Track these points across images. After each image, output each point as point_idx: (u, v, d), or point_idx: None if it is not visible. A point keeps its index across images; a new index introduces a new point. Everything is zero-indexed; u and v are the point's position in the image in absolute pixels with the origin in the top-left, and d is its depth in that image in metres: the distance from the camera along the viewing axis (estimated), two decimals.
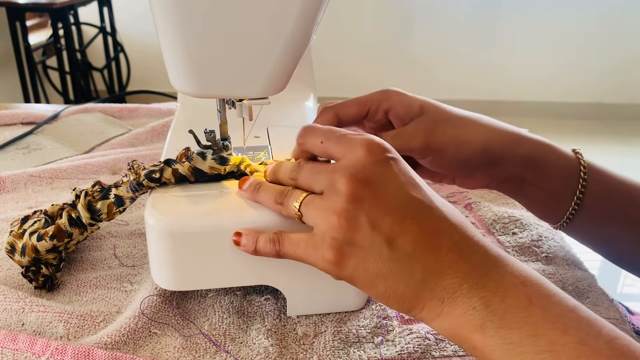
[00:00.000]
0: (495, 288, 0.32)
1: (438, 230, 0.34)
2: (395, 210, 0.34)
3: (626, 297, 1.83)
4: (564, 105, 3.22)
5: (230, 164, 0.47)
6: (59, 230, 0.47)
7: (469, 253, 0.34)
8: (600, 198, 0.48)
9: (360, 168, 0.35)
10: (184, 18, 0.41)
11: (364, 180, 0.35)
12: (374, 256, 0.34)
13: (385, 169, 0.35)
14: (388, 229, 0.34)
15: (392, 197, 0.35)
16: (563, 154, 0.48)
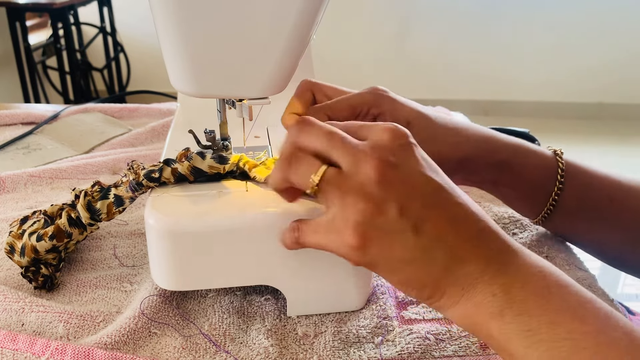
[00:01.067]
0: (515, 275, 0.32)
1: (461, 217, 0.34)
2: (424, 196, 0.34)
3: (626, 297, 1.83)
4: (564, 105, 3.22)
5: (230, 163, 0.47)
6: (58, 231, 0.47)
7: (490, 241, 0.34)
8: (577, 198, 0.49)
9: (388, 150, 0.34)
10: (184, 18, 0.41)
11: (393, 164, 0.34)
12: (399, 242, 0.33)
13: (410, 153, 0.35)
14: (415, 214, 0.33)
15: (419, 182, 0.34)
16: (540, 156, 0.49)
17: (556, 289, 0.32)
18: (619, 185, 0.50)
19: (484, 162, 0.48)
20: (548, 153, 0.50)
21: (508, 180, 0.49)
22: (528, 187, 0.50)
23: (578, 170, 0.50)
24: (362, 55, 3.22)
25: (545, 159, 0.49)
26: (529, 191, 0.50)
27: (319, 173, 0.35)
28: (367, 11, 3.17)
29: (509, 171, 0.49)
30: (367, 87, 0.50)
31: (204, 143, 0.50)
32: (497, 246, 0.34)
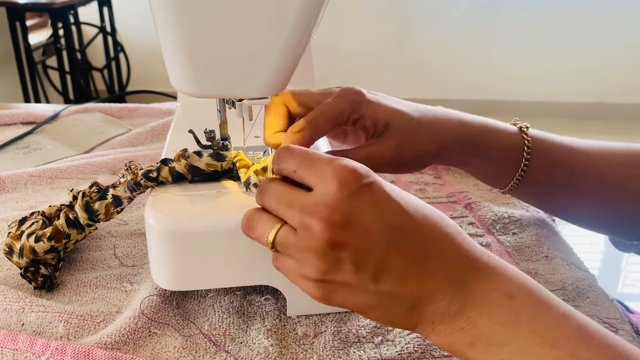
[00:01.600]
0: (481, 306, 0.32)
1: (423, 255, 0.33)
2: (378, 246, 0.33)
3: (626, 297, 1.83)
4: (564, 105, 3.22)
5: (227, 160, 0.47)
6: (56, 232, 0.47)
7: (455, 271, 0.33)
8: (543, 170, 0.52)
9: (334, 206, 0.33)
10: (184, 18, 0.41)
11: (340, 222, 0.33)
12: (360, 292, 0.34)
13: (360, 201, 0.33)
14: (372, 265, 0.33)
15: (372, 231, 0.33)
16: (506, 134, 0.52)
17: (525, 312, 0.32)
18: (580, 153, 0.53)
19: (457, 149, 0.51)
20: (514, 130, 0.52)
21: (477, 161, 0.52)
22: (496, 165, 0.52)
23: (543, 144, 0.53)
24: (362, 55, 3.22)
25: (511, 136, 0.52)
26: (496, 168, 0.53)
27: (271, 235, 0.36)
28: (367, 11, 3.17)
29: (478, 153, 0.51)
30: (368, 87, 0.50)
31: (204, 143, 0.50)
32: (462, 276, 0.33)
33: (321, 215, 0.33)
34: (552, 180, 0.53)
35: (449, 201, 0.65)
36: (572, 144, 0.54)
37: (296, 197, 0.35)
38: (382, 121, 0.47)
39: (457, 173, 0.71)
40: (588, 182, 0.53)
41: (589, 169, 0.53)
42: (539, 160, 0.52)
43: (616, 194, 0.53)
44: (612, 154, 0.54)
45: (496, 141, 0.52)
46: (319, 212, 0.33)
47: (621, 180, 0.53)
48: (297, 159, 0.37)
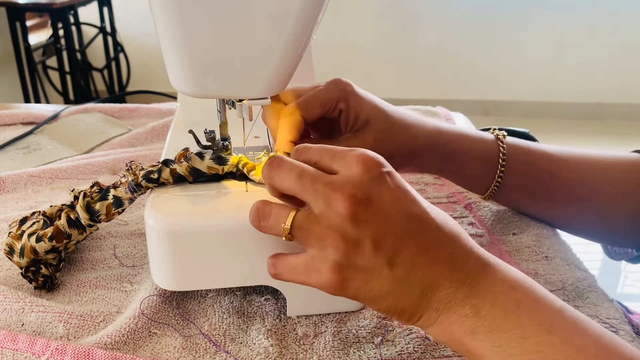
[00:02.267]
0: (485, 294, 0.34)
1: (434, 243, 0.35)
2: (395, 228, 0.34)
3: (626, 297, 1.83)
4: (564, 105, 3.22)
5: (229, 164, 0.47)
6: (57, 232, 0.47)
7: (462, 262, 0.35)
8: (520, 176, 0.55)
9: (358, 185, 0.34)
10: (184, 18, 0.41)
11: (364, 200, 0.34)
12: (375, 277, 0.35)
13: (382, 185, 0.35)
14: (389, 248, 0.34)
15: (391, 215, 0.34)
16: (481, 142, 0.54)
17: (525, 303, 0.33)
18: (558, 160, 0.55)
19: (431, 155, 0.53)
20: (490, 138, 0.55)
21: (453, 169, 0.55)
22: (472, 172, 0.55)
23: (521, 150, 0.55)
24: (362, 55, 3.22)
25: (487, 144, 0.54)
26: (473, 176, 0.56)
27: (288, 221, 0.36)
28: (367, 11, 3.16)
29: (454, 162, 0.54)
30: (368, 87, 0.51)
31: (204, 143, 0.50)
32: (468, 267, 0.35)
33: (347, 192, 0.34)
34: (532, 186, 0.55)
35: (449, 201, 0.65)
36: (551, 151, 0.56)
37: (320, 174, 0.36)
38: (364, 116, 0.50)
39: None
40: (568, 188, 0.54)
41: (570, 174, 0.54)
42: (516, 166, 0.54)
43: (600, 201, 0.54)
44: (595, 161, 0.55)
45: (471, 149, 0.54)
46: (345, 190, 0.34)
47: (604, 186, 0.54)
48: (318, 150, 0.38)
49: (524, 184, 0.55)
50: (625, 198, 0.54)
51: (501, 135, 0.55)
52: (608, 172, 0.55)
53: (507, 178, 0.54)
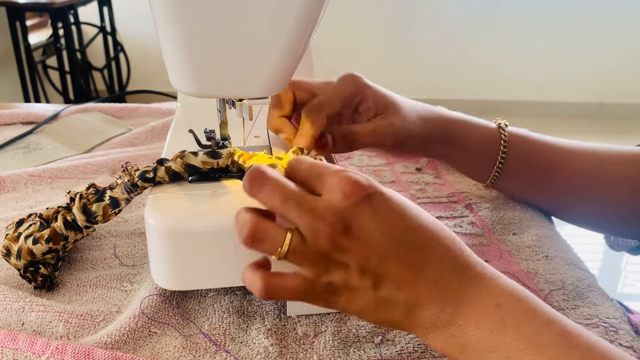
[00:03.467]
0: (470, 314, 0.34)
1: (418, 264, 0.35)
2: (378, 252, 0.35)
3: (626, 296, 1.83)
4: (564, 105, 3.22)
5: (224, 157, 0.47)
6: (54, 234, 0.47)
7: (448, 280, 0.35)
8: (521, 163, 0.57)
9: (339, 213, 0.34)
10: (184, 18, 0.41)
11: (345, 228, 0.34)
12: (362, 297, 0.36)
13: (363, 210, 0.35)
14: (373, 271, 0.35)
15: (373, 240, 0.35)
16: (484, 129, 0.56)
17: (511, 319, 0.33)
18: (559, 150, 0.57)
19: (436, 140, 0.55)
20: (492, 126, 0.57)
21: (456, 153, 0.57)
22: (474, 158, 0.57)
23: (520, 139, 0.57)
24: (362, 55, 3.22)
25: (489, 131, 0.56)
26: (475, 161, 0.58)
27: (285, 244, 0.36)
28: (367, 11, 3.16)
29: (457, 146, 0.56)
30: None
31: (204, 143, 0.50)
32: (454, 286, 0.35)
33: (328, 221, 0.34)
34: (531, 173, 0.57)
35: (449, 201, 0.65)
36: (552, 141, 0.57)
37: (304, 199, 0.36)
38: (382, 103, 0.53)
39: (457, 173, 0.71)
40: (568, 177, 0.56)
41: (569, 164, 0.56)
42: (516, 153, 0.56)
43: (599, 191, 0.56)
44: (594, 153, 0.56)
45: (475, 135, 0.56)
46: (326, 219, 0.34)
47: (603, 177, 0.55)
48: (307, 169, 0.38)
49: (524, 171, 0.57)
50: (624, 189, 0.55)
51: (503, 124, 0.57)
52: (607, 163, 0.55)
53: (508, 164, 0.56)
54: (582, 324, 0.45)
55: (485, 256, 0.55)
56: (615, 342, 0.43)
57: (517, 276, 0.51)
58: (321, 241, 0.35)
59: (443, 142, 0.55)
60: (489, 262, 0.53)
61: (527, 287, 0.50)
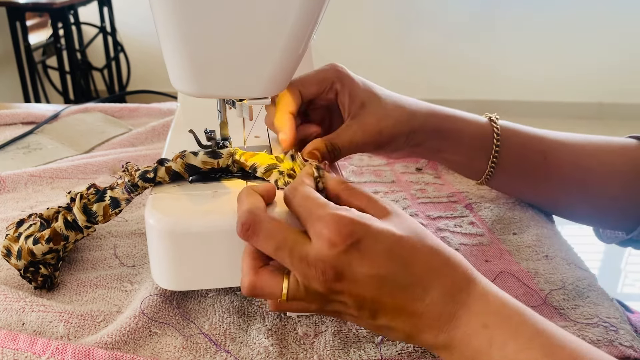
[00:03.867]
0: (461, 337, 0.35)
1: (409, 299, 0.36)
2: (371, 292, 0.36)
3: (626, 296, 1.83)
4: (564, 105, 3.22)
5: (224, 157, 0.47)
6: (55, 234, 0.47)
7: (440, 309, 0.36)
8: (515, 157, 0.56)
9: (328, 262, 0.36)
10: (184, 18, 0.41)
11: (336, 276, 0.36)
12: (363, 323, 0.39)
13: (350, 256, 0.36)
14: (369, 307, 0.37)
15: (363, 282, 0.36)
16: (475, 123, 0.55)
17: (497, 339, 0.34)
18: (552, 142, 0.56)
19: (428, 134, 0.54)
20: (484, 120, 0.56)
21: (449, 147, 0.55)
22: (468, 152, 0.56)
23: (513, 133, 0.56)
24: (362, 55, 3.22)
25: (481, 125, 0.55)
26: (469, 156, 0.56)
27: (283, 295, 0.38)
28: (367, 11, 3.17)
29: (450, 140, 0.55)
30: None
31: (204, 143, 0.50)
32: (447, 312, 0.36)
33: (320, 269, 0.36)
34: (526, 167, 0.56)
35: (449, 201, 0.65)
36: (544, 134, 0.56)
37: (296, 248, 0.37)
38: (359, 99, 0.51)
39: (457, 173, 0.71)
40: (562, 169, 0.55)
41: (563, 156, 0.55)
42: (510, 148, 0.55)
43: (592, 183, 0.55)
44: (588, 143, 0.56)
45: (466, 129, 0.55)
46: (317, 267, 0.36)
47: (597, 169, 0.55)
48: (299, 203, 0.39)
49: (518, 165, 0.56)
50: (617, 181, 0.55)
51: (494, 117, 0.56)
52: (601, 154, 0.55)
53: (502, 159, 0.55)
54: (582, 323, 0.45)
55: (485, 256, 0.55)
56: (615, 341, 0.43)
57: (517, 276, 0.51)
58: (315, 287, 0.36)
59: (435, 137, 0.54)
60: (489, 262, 0.53)
61: (527, 287, 0.50)
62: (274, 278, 0.38)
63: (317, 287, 0.36)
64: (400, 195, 0.66)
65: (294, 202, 0.39)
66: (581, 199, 0.57)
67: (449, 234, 0.58)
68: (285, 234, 0.37)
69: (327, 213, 0.36)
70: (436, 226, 0.60)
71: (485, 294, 0.36)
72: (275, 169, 0.46)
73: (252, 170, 0.47)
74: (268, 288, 0.38)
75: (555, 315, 0.47)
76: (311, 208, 0.38)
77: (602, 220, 0.60)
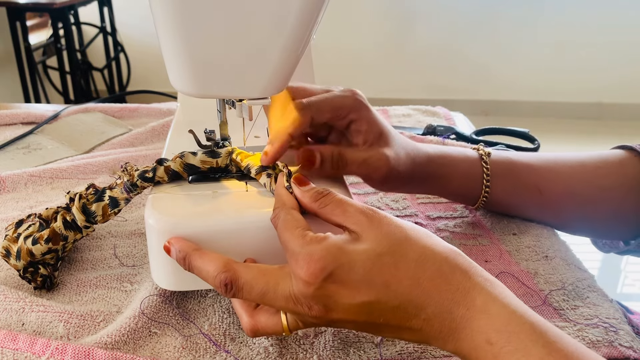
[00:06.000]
0: (468, 351, 0.34)
1: (404, 318, 0.35)
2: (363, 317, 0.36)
3: (626, 297, 1.83)
4: (564, 105, 3.22)
5: (222, 156, 0.47)
6: (54, 234, 0.47)
7: (439, 325, 0.35)
8: (507, 193, 0.56)
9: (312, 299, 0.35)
10: (184, 18, 0.41)
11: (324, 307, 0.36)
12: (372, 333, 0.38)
13: (330, 289, 0.35)
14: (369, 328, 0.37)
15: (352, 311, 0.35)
16: (466, 162, 0.55)
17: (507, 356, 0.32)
18: (546, 174, 0.56)
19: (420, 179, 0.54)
20: (474, 158, 0.56)
21: (439, 189, 0.57)
22: (459, 191, 0.57)
23: (505, 169, 0.56)
24: (362, 55, 3.22)
25: (470, 166, 0.55)
26: (460, 194, 0.58)
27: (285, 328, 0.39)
28: (367, 11, 3.17)
29: (439, 183, 0.55)
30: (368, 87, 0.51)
31: (204, 143, 0.50)
32: (446, 327, 0.34)
33: (306, 305, 0.36)
34: (519, 200, 0.57)
35: (449, 201, 0.65)
36: (538, 163, 0.56)
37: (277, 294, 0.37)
38: (377, 129, 0.49)
39: None
40: (557, 199, 0.56)
41: (558, 188, 0.55)
42: (503, 185, 0.56)
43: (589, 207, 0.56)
44: (581, 168, 0.56)
45: (457, 170, 0.55)
46: (303, 303, 0.36)
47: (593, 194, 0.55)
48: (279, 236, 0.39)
49: (511, 201, 0.57)
50: (613, 200, 0.55)
51: (485, 155, 0.56)
52: (595, 179, 0.55)
53: (494, 195, 0.56)
54: (581, 324, 0.45)
55: (485, 256, 0.55)
56: (615, 342, 0.43)
57: (516, 276, 0.51)
58: (311, 320, 0.37)
59: (426, 183, 0.55)
60: (489, 262, 0.53)
61: (526, 287, 0.50)
62: (272, 317, 0.40)
63: (312, 320, 0.37)
64: (400, 196, 0.66)
65: (277, 230, 0.39)
66: (578, 221, 0.58)
67: (449, 234, 0.58)
68: (266, 279, 0.37)
69: (299, 252, 0.36)
70: (436, 226, 0.60)
71: (486, 308, 0.34)
72: (264, 172, 0.46)
73: (247, 171, 0.47)
74: (269, 328, 0.40)
75: (555, 315, 0.47)
76: (287, 242, 0.37)
77: (600, 233, 0.60)
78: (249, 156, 0.48)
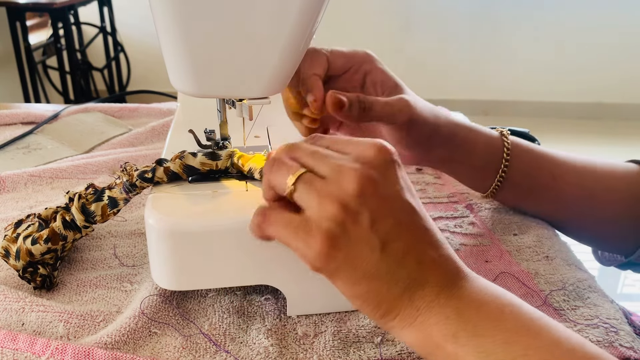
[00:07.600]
0: (469, 299, 0.33)
1: (427, 242, 0.35)
2: (396, 214, 0.34)
3: (626, 297, 1.83)
4: (564, 105, 3.22)
5: (223, 159, 0.47)
6: (53, 234, 0.47)
7: (448, 266, 0.35)
8: (523, 174, 0.55)
9: (370, 165, 0.34)
10: (184, 18, 0.41)
11: (372, 178, 0.34)
12: (365, 256, 0.33)
13: (392, 170, 0.35)
14: (385, 231, 0.33)
15: (395, 202, 0.34)
16: (486, 136, 0.55)
17: (509, 309, 0.33)
18: (561, 164, 0.56)
19: (445, 138, 0.53)
20: (495, 134, 0.56)
21: (460, 157, 0.55)
22: (478, 163, 0.55)
23: (523, 150, 0.56)
24: None
25: (493, 138, 0.55)
26: (478, 167, 0.56)
27: (296, 174, 0.35)
28: (367, 11, 3.17)
29: (462, 149, 0.54)
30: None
31: (204, 143, 0.50)
32: (453, 273, 0.35)
33: (359, 166, 0.34)
34: (534, 184, 0.56)
35: (449, 201, 0.65)
36: (553, 153, 0.57)
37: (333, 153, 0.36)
38: (392, 81, 0.52)
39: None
40: (569, 190, 0.55)
41: (571, 178, 0.56)
42: (520, 164, 0.55)
43: (597, 205, 0.56)
44: (594, 167, 0.56)
45: (479, 139, 0.55)
46: (357, 164, 0.34)
47: (602, 193, 0.55)
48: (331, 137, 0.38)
49: (526, 182, 0.56)
50: (619, 205, 0.55)
51: (505, 132, 0.56)
52: (606, 179, 0.56)
53: (510, 174, 0.55)
54: (582, 324, 0.45)
55: (486, 256, 0.55)
56: (615, 342, 0.43)
57: (517, 277, 0.51)
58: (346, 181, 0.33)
59: (449, 143, 0.54)
60: (490, 262, 0.53)
61: (527, 287, 0.50)
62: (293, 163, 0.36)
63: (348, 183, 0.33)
64: None
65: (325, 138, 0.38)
66: (584, 220, 0.57)
67: (450, 235, 0.58)
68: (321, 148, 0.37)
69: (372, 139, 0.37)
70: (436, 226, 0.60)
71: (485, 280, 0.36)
72: None
73: (250, 174, 0.47)
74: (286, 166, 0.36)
75: (555, 316, 0.47)
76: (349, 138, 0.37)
77: (603, 242, 0.60)
78: (250, 159, 0.48)
